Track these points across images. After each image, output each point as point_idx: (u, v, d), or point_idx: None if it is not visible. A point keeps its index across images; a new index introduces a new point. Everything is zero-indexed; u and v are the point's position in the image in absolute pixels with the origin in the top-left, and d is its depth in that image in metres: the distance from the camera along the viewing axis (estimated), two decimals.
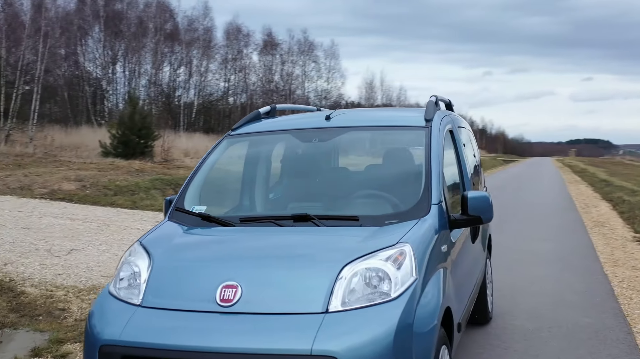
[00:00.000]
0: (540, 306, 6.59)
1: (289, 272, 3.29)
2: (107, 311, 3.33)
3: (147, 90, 54.48)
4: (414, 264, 3.33)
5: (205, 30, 61.11)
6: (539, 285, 7.57)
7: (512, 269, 8.47)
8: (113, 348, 3.12)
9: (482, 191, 4.20)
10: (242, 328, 3.03)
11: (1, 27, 30.40)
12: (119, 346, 3.10)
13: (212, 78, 61.58)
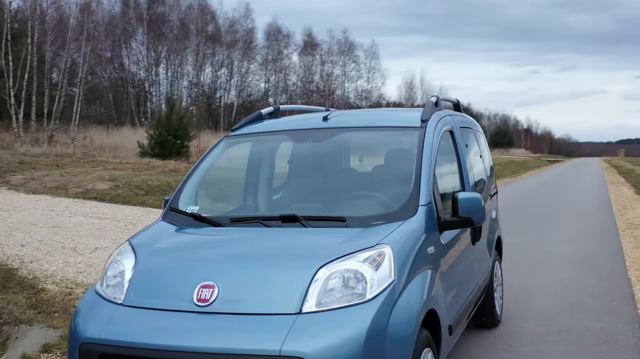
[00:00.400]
0: (554, 310, 6.47)
1: (266, 272, 3.32)
2: (90, 309, 3.41)
3: (189, 91, 55.37)
4: (393, 265, 3.33)
5: (246, 32, 61.67)
6: (556, 288, 7.44)
7: (531, 272, 8.33)
8: (92, 346, 3.19)
9: (474, 193, 4.13)
10: (215, 328, 3.07)
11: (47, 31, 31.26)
12: (97, 344, 3.17)
13: (253, 79, 62.15)
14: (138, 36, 54.75)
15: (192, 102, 53.84)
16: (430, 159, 4.09)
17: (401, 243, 3.51)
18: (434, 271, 3.77)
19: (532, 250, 10.03)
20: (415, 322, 3.28)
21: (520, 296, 7.04)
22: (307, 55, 67.38)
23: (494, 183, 6.23)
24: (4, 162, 16.57)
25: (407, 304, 3.31)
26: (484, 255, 5.35)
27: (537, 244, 10.40)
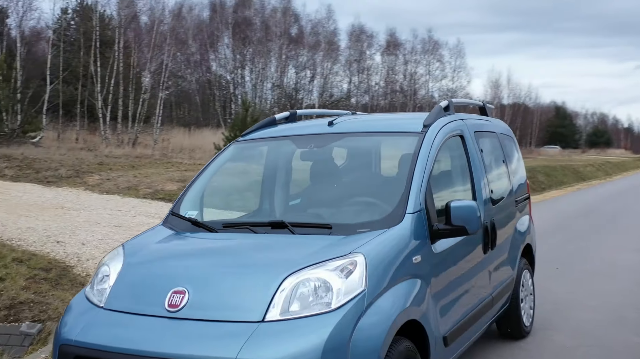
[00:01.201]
0: (592, 323, 6.17)
1: (236, 279, 3.35)
2: (74, 312, 3.55)
3: (272, 93, 56.34)
4: (364, 274, 3.28)
5: (329, 33, 62.07)
6: (601, 299, 7.07)
7: (579, 282, 7.97)
8: (69, 347, 3.31)
9: (469, 200, 4.00)
10: (180, 334, 3.11)
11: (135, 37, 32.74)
12: (73, 346, 3.29)
13: (335, 80, 62.48)
14: (224, 40, 56.28)
15: (275, 104, 54.72)
16: (425, 166, 4.00)
17: (378, 252, 3.46)
18: (421, 280, 3.69)
19: (589, 258, 9.58)
20: (386, 332, 3.22)
21: (560, 307, 6.75)
22: (390, 55, 67.01)
23: (523, 189, 5.99)
24: (84, 164, 17.49)
25: (379, 314, 3.25)
26: (504, 264, 5.17)
27: (593, 253, 9.92)
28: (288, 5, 58.61)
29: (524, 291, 5.69)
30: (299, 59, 59.29)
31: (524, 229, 5.78)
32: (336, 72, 62.92)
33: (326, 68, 61.60)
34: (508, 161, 5.63)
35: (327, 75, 61.64)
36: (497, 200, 5.07)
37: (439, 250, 3.96)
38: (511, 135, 6.10)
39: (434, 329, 3.78)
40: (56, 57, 31.28)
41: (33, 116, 24.60)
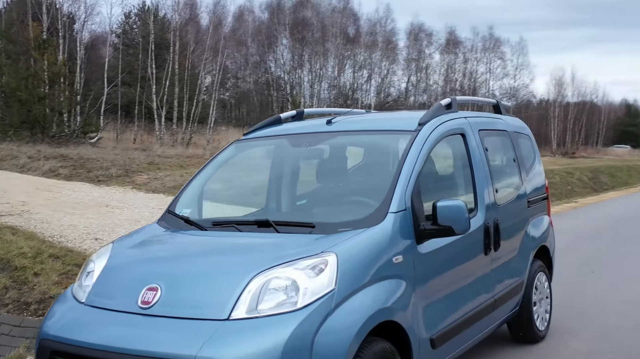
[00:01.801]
0: (617, 328, 5.92)
1: (207, 277, 3.38)
2: (58, 307, 3.64)
3: (329, 93, 56.49)
4: (335, 274, 3.26)
5: (387, 32, 61.80)
6: (634, 306, 6.77)
7: (614, 286, 7.68)
8: (47, 342, 3.40)
9: (457, 200, 3.90)
10: (148, 331, 3.15)
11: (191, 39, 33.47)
12: (51, 341, 3.37)
13: (393, 79, 62.15)
14: (282, 40, 56.83)
15: (331, 104, 54.83)
16: (413, 165, 3.93)
17: (353, 251, 3.43)
18: (403, 280, 3.64)
19: (630, 263, 9.19)
20: (356, 332, 3.18)
21: (587, 311, 6.52)
22: (450, 54, 66.11)
23: (540, 190, 5.79)
24: (134, 163, 17.98)
25: (349, 314, 3.22)
26: (511, 266, 5.01)
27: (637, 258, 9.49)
28: (346, 5, 58.71)
29: (537, 294, 5.51)
30: (357, 58, 59.22)
31: (539, 231, 5.59)
32: (394, 72, 62.62)
33: (384, 67, 61.37)
34: (520, 160, 5.46)
35: (385, 74, 61.41)
36: (503, 200, 4.93)
37: (427, 250, 3.89)
38: (528, 134, 5.92)
39: (417, 331, 3.71)
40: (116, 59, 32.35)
41: (92, 117, 25.49)
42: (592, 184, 28.92)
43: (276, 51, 56.58)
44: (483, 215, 4.56)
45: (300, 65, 56.99)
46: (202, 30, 35.91)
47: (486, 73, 67.50)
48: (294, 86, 56.72)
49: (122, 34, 42.20)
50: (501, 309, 4.89)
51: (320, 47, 55.69)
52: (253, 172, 5.27)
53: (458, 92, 65.80)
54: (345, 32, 57.61)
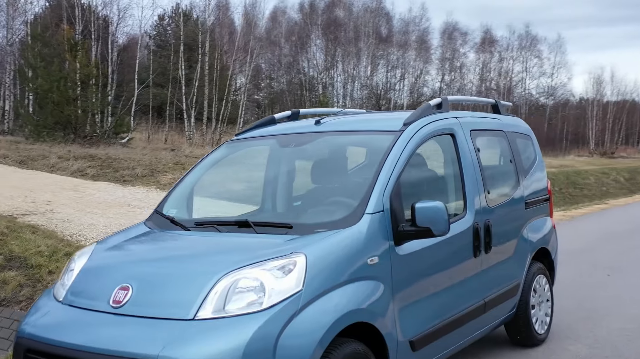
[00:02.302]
0: (621, 332, 5.80)
1: (177, 277, 3.40)
2: (37, 306, 3.71)
3: (361, 93, 56.40)
4: (303, 275, 3.26)
5: (421, 31, 61.45)
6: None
7: (628, 289, 7.53)
8: (22, 340, 3.46)
9: (436, 201, 3.86)
10: (116, 330, 3.19)
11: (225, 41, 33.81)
12: (26, 339, 3.43)
13: (427, 79, 61.73)
14: (315, 41, 56.95)
15: (363, 104, 54.70)
16: (394, 166, 3.91)
17: (323, 252, 3.44)
18: (378, 281, 3.63)
19: None
20: (323, 334, 3.17)
21: (595, 315, 6.39)
22: (485, 53, 65.35)
23: (540, 191, 5.69)
24: (161, 163, 18.23)
25: (317, 315, 3.21)
26: (505, 268, 4.94)
27: None
28: (379, 5, 58.53)
29: (536, 297, 5.42)
30: (390, 58, 58.99)
31: (538, 233, 5.50)
32: (427, 71, 62.19)
33: (417, 67, 61.01)
34: (518, 161, 5.38)
35: (418, 74, 61.04)
36: (496, 200, 4.87)
37: (407, 251, 3.86)
38: (528, 134, 5.83)
39: (394, 333, 3.70)
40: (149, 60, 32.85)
41: (124, 118, 25.94)
42: (628, 185, 28.30)
43: (309, 52, 56.70)
44: (472, 216, 4.51)
45: (332, 66, 57.01)
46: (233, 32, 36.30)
47: (522, 72, 66.56)
48: (327, 86, 56.75)
49: (156, 35, 42.88)
50: (494, 312, 4.83)
51: (352, 47, 55.63)
52: (243, 172, 5.32)
53: (493, 91, 65.01)
54: (378, 31, 57.43)
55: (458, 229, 4.37)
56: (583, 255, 9.95)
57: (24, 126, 23.62)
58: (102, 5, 30.64)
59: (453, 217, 4.41)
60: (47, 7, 33.32)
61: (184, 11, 36.60)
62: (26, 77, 24.38)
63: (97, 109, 23.94)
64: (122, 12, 30.87)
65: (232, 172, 5.21)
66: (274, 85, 60.41)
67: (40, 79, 21.96)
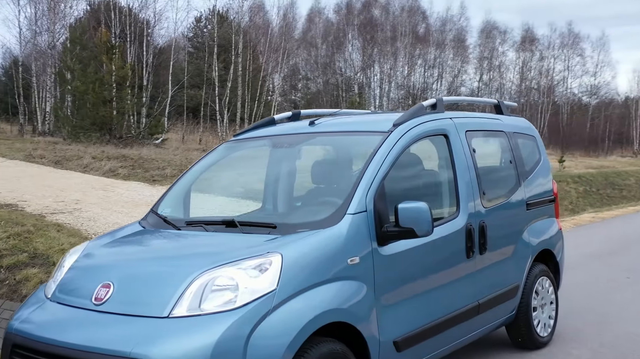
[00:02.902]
0: (628, 337, 5.68)
1: (156, 275, 3.47)
2: (28, 303, 3.81)
3: (397, 93, 56.21)
4: (278, 274, 3.30)
5: (458, 30, 60.90)
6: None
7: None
8: (9, 335, 3.56)
9: (419, 202, 3.86)
10: (94, 326, 3.26)
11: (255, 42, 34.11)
12: (13, 334, 3.53)
13: (464, 78, 61.09)
14: (351, 41, 56.93)
15: (399, 104, 54.45)
16: (379, 167, 3.92)
17: (301, 252, 3.47)
18: (358, 281, 3.64)
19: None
20: (296, 333, 3.19)
21: (606, 319, 6.28)
22: (525, 51, 64.32)
23: (544, 192, 5.61)
24: (191, 163, 18.51)
25: (291, 314, 3.23)
26: (502, 269, 4.89)
27: None
28: (415, 4, 58.19)
29: (538, 299, 5.35)
30: (427, 57, 58.57)
31: (541, 235, 5.42)
32: (465, 70, 61.56)
33: (455, 66, 60.45)
34: (519, 161, 5.31)
35: (456, 73, 60.47)
36: (492, 202, 4.83)
37: (392, 252, 3.87)
38: (532, 134, 5.74)
39: (376, 333, 3.71)
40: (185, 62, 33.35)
41: (158, 119, 26.40)
42: None
43: (345, 52, 56.72)
44: (465, 218, 4.49)
45: (369, 66, 56.90)
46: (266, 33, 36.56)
47: (564, 71, 65.31)
48: (363, 87, 56.67)
49: (192, 37, 43.49)
50: (490, 314, 4.79)
51: (389, 46, 55.43)
52: (239, 172, 5.40)
53: (534, 90, 63.95)
54: (415, 31, 57.10)
55: (449, 230, 4.36)
56: (605, 258, 9.76)
57: (62, 127, 24.26)
58: (138, 8, 31.26)
59: (445, 218, 4.40)
60: (87, 11, 34.14)
61: (219, 13, 37.04)
62: (65, 79, 25.05)
63: (132, 110, 24.42)
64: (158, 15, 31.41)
65: (229, 172, 5.28)
66: (311, 86, 60.61)
67: (77, 81, 22.52)
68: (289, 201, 4.52)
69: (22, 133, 31.30)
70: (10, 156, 18.85)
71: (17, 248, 8.50)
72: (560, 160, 28.14)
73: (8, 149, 20.04)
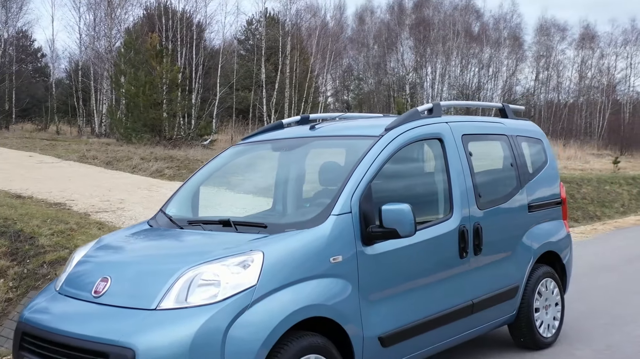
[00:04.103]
0: (634, 341, 5.68)
1: (147, 271, 3.75)
2: (40, 295, 4.16)
3: (449, 92, 55.60)
4: (259, 271, 3.52)
5: (513, 28, 59.85)
6: None
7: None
8: (20, 324, 3.90)
9: (402, 204, 4.02)
10: (90, 316, 3.55)
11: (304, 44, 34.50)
12: (23, 323, 3.87)
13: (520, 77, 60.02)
14: (404, 41, 56.71)
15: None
16: (366, 170, 4.10)
17: (283, 250, 3.69)
18: (341, 279, 3.83)
19: None
20: (274, 326, 3.41)
21: (617, 321, 6.28)
22: (584, 49, 62.68)
23: (550, 194, 5.65)
24: None
25: (270, 309, 3.45)
26: (500, 270, 4.99)
27: None
28: (468, 3, 57.51)
29: (541, 300, 5.42)
30: (480, 56, 57.78)
31: (544, 236, 5.47)
32: (521, 69, 60.42)
33: (510, 65, 59.44)
34: (521, 164, 5.37)
35: (511, 72, 59.43)
36: (489, 204, 4.94)
37: (378, 251, 4.05)
38: (539, 137, 5.79)
39: (360, 328, 3.89)
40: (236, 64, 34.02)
41: (207, 120, 27.08)
42: None
43: (397, 52, 56.54)
44: (458, 219, 4.62)
45: (421, 66, 56.54)
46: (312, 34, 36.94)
47: (626, 68, 63.34)
48: (415, 86, 56.37)
49: (244, 39, 44.26)
50: (487, 313, 4.90)
51: (442, 46, 54.95)
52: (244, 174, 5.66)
53: (594, 89, 62.24)
54: (468, 29, 56.44)
55: (441, 231, 4.51)
56: (634, 263, 9.62)
57: (116, 128, 25.19)
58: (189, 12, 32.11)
59: (437, 219, 4.55)
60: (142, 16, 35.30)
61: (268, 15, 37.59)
62: (119, 82, 26.00)
63: (181, 112, 25.14)
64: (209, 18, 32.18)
65: (235, 173, 5.55)
66: (363, 86, 60.67)
67: (128, 84, 23.36)
68: (290, 201, 4.75)
69: (81, 134, 32.65)
70: (65, 156, 19.71)
71: (60, 245, 9.02)
72: (615, 161, 27.39)
73: (64, 151, 20.95)
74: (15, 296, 8.37)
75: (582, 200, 17.70)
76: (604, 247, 11.26)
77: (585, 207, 17.28)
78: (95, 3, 34.88)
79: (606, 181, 20.50)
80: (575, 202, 17.22)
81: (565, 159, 32.63)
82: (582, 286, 7.66)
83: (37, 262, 8.64)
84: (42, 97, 41.21)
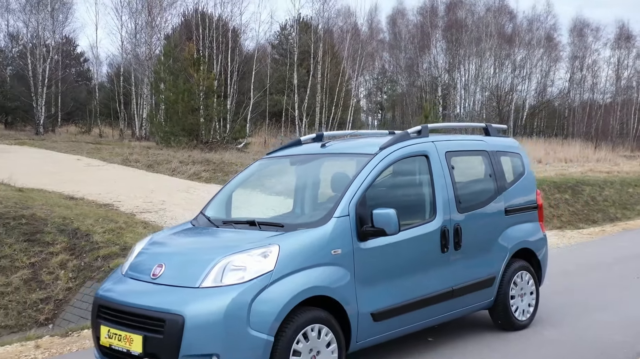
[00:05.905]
0: (602, 326, 6.61)
1: (192, 259, 4.88)
2: (110, 277, 5.33)
3: (482, 94, 56.07)
4: (276, 259, 4.63)
5: (547, 29, 59.88)
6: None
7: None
8: (97, 299, 5.09)
9: (388, 209, 4.98)
10: (149, 293, 4.71)
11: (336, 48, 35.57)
12: (98, 298, 5.06)
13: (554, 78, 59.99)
14: (436, 43, 57.27)
15: (483, 106, 54.44)
16: (362, 182, 5.19)
17: (295, 244, 4.79)
18: (341, 267, 4.92)
19: None
20: (287, 300, 4.52)
21: (590, 310, 7.20)
22: (620, 49, 62.39)
23: (526, 200, 6.64)
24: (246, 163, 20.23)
25: (284, 288, 4.57)
26: (477, 263, 5.98)
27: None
28: (501, 4, 57.79)
29: (517, 289, 6.42)
30: (514, 57, 57.98)
31: (520, 235, 6.48)
32: (555, 70, 60.41)
33: (544, 66, 59.53)
34: (499, 175, 6.39)
35: (545, 73, 59.54)
36: (468, 209, 5.98)
37: (371, 246, 5.13)
38: (517, 152, 6.79)
39: (355, 305, 4.98)
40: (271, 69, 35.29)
41: (243, 124, 28.42)
42: None
43: (430, 54, 57.19)
44: (440, 221, 5.67)
45: (453, 68, 57.07)
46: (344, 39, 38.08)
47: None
48: (448, 88, 56.94)
49: (278, 44, 45.62)
50: (466, 299, 5.93)
51: (474, 47, 55.34)
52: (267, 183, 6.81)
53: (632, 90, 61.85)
54: (501, 31, 56.69)
55: (425, 230, 5.58)
56: (628, 261, 10.46)
57: (156, 132, 26.69)
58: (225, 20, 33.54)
59: (423, 221, 5.63)
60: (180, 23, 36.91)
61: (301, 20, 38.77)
62: (158, 89, 27.51)
63: (217, 117, 26.51)
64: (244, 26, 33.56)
65: (259, 183, 6.70)
66: (395, 88, 61.51)
67: (168, 91, 24.81)
68: (304, 205, 5.91)
69: (122, 137, 34.35)
70: (110, 160, 21.18)
71: (111, 241, 10.33)
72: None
73: (109, 154, 22.46)
74: (74, 286, 9.70)
75: (603, 202, 18.23)
76: (604, 248, 12.12)
77: (606, 209, 17.83)
78: (136, 11, 36.66)
79: (630, 183, 20.93)
80: (597, 205, 17.86)
81: (594, 161, 32.87)
82: (568, 282, 8.63)
83: (92, 256, 9.97)
84: (85, 100, 43.19)
